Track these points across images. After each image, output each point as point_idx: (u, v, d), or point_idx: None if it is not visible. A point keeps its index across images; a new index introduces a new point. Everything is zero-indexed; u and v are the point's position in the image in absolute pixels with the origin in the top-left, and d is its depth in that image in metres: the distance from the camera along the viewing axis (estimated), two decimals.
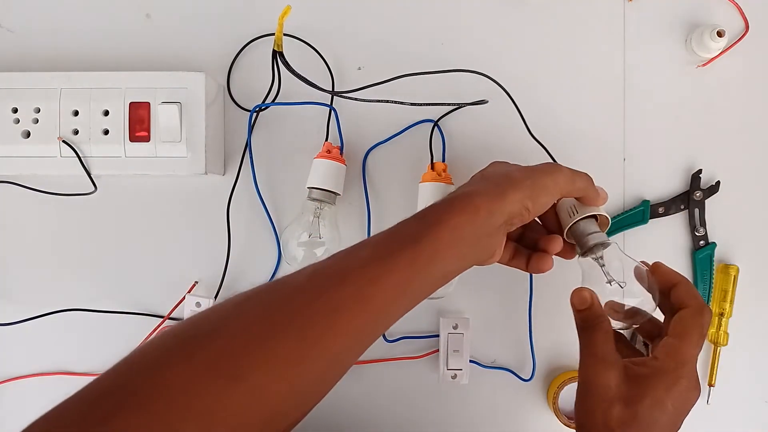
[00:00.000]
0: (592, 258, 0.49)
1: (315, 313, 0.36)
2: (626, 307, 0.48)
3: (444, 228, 0.40)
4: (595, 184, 0.49)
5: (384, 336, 0.61)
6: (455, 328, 0.60)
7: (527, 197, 0.44)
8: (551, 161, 0.47)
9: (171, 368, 0.33)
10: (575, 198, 0.49)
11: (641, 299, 0.48)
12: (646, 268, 0.49)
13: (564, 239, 0.50)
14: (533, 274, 0.60)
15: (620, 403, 0.44)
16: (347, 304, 0.37)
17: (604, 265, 0.48)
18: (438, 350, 0.60)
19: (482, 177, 0.48)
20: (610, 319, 0.48)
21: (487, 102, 0.60)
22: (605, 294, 0.48)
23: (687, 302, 0.47)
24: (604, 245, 0.48)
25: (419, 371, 0.61)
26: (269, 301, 0.37)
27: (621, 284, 0.48)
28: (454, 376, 0.59)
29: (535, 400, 0.62)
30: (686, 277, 0.49)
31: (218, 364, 0.33)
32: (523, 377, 0.61)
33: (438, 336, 0.60)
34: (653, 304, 0.48)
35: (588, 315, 0.47)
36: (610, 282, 0.48)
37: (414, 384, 0.62)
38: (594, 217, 0.49)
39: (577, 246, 0.49)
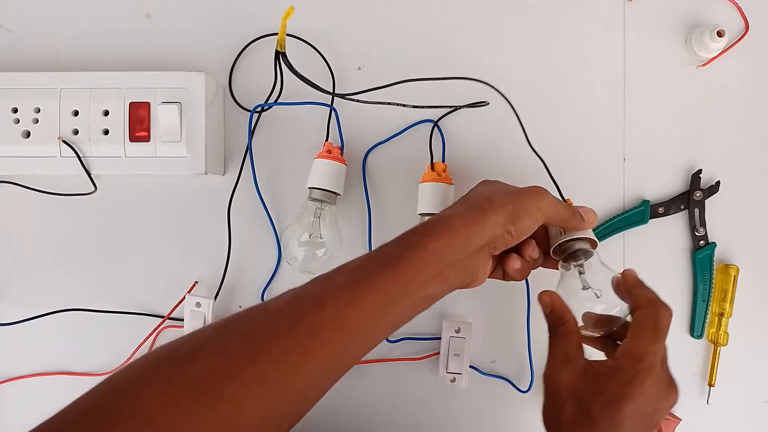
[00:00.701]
0: (574, 265, 0.49)
1: (294, 336, 0.37)
2: (599, 315, 0.49)
3: (422, 251, 0.41)
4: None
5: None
6: (458, 331, 0.59)
7: (509, 221, 0.44)
8: (537, 185, 0.47)
9: (152, 387, 0.33)
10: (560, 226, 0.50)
11: (613, 306, 0.49)
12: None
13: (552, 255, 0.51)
14: (530, 288, 0.59)
15: (572, 402, 0.45)
16: (326, 327, 0.38)
17: (583, 273, 0.49)
18: (439, 353, 0.60)
19: (466, 199, 0.47)
20: (586, 328, 0.49)
21: (487, 104, 0.60)
22: (579, 300, 0.49)
23: (640, 302, 0.47)
24: (586, 254, 0.49)
25: (419, 373, 0.61)
26: (249, 325, 0.38)
27: (597, 293, 0.48)
28: (453, 380, 0.59)
29: (532, 411, 0.60)
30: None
31: (198, 385, 0.34)
32: (521, 388, 0.61)
33: (440, 338, 0.60)
34: (626, 311, 0.48)
35: (551, 318, 0.48)
36: (585, 288, 0.49)
37: (413, 385, 0.61)
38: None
39: (560, 252, 0.50)
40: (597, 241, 0.50)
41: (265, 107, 0.62)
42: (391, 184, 0.62)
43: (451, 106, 0.61)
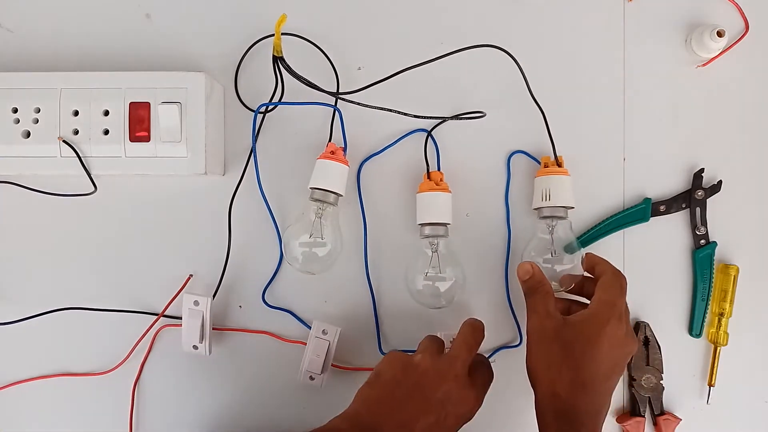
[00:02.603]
0: (546, 223, 0.58)
1: None
2: (567, 274, 0.58)
3: None
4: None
5: (380, 349, 0.61)
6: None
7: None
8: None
9: None
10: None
11: (570, 263, 0.58)
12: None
13: None
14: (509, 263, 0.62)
15: (558, 343, 0.52)
16: None
17: (552, 232, 0.58)
18: None
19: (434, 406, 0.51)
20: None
21: (484, 115, 0.60)
22: (542, 253, 0.58)
23: (606, 269, 0.56)
24: (561, 218, 0.58)
25: None
26: None
27: (554, 252, 0.58)
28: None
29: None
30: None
31: None
32: (513, 344, 0.61)
33: None
34: (581, 271, 0.58)
35: (531, 283, 0.56)
36: (551, 251, 0.58)
37: None
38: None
39: (540, 211, 0.59)
40: (572, 206, 0.58)
41: (269, 107, 0.62)
42: (388, 190, 0.62)
43: (449, 117, 0.61)
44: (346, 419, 0.50)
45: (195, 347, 0.59)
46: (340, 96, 0.59)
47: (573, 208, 0.58)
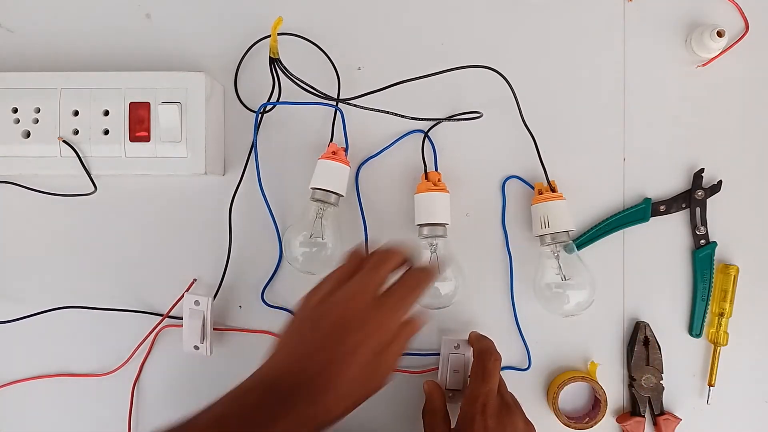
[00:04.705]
0: (551, 249, 0.57)
1: None
2: (570, 296, 0.57)
3: None
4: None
5: None
6: (457, 348, 0.59)
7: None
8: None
9: None
10: None
11: (581, 287, 0.57)
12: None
13: None
14: (513, 281, 0.61)
15: None
16: None
17: (558, 257, 0.57)
18: (437, 368, 0.59)
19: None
20: None
21: (481, 115, 0.60)
22: (552, 278, 0.57)
23: (475, 354, 0.55)
24: (563, 242, 0.57)
25: (417, 386, 0.60)
26: None
27: (564, 277, 0.56)
28: (452, 395, 0.58)
29: (533, 383, 0.61)
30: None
31: None
32: (521, 368, 0.61)
33: (438, 354, 0.59)
34: (592, 294, 0.57)
35: (426, 402, 0.55)
36: (560, 276, 0.56)
37: (410, 399, 0.61)
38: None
39: (542, 238, 0.58)
40: (572, 228, 0.58)
41: (269, 107, 0.62)
42: (387, 191, 0.62)
43: (446, 119, 0.61)
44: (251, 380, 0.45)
45: (196, 347, 0.59)
46: (337, 100, 0.59)
47: (573, 230, 0.58)
